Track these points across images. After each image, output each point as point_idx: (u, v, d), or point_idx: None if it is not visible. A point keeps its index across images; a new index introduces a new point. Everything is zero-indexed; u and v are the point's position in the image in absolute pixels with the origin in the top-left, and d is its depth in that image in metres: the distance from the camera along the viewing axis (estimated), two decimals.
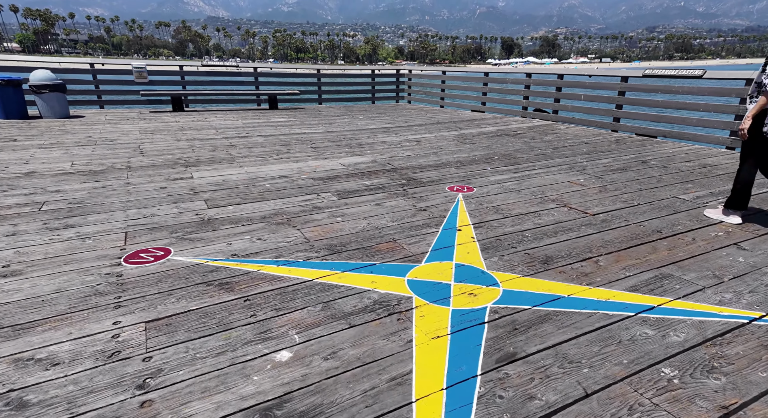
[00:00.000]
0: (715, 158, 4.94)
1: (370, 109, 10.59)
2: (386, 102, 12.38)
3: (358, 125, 7.80)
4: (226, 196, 3.58)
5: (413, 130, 7.30)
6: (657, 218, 3.11)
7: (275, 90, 10.03)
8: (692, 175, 4.25)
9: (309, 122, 8.03)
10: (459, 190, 3.85)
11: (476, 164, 4.83)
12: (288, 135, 6.60)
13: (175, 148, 5.41)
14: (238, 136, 6.43)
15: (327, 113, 9.49)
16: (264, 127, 7.36)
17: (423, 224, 3.02)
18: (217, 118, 8.18)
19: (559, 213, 3.23)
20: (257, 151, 5.35)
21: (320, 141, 6.17)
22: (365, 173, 4.43)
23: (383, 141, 6.26)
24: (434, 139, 6.38)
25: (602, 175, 4.28)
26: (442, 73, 10.96)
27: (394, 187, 3.96)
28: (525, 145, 5.90)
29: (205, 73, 9.76)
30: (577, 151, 5.46)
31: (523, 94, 8.50)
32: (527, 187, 3.92)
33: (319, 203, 3.45)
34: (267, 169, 4.50)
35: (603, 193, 3.71)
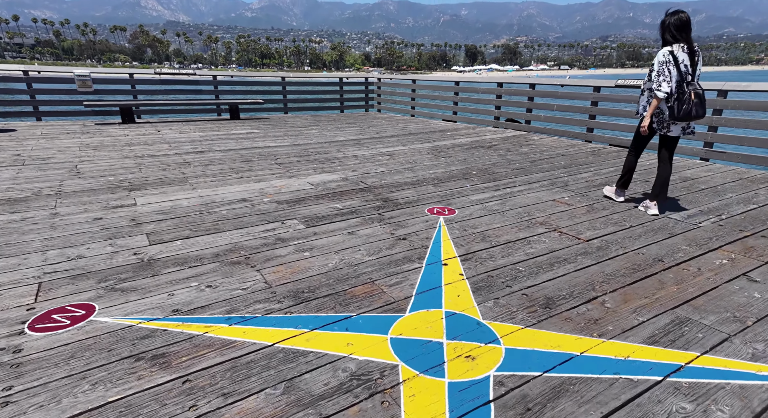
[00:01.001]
0: (692, 171, 4.87)
1: (339, 118, 10.20)
2: (355, 111, 12.02)
3: (327, 137, 7.39)
4: (173, 228, 3.08)
5: (385, 142, 6.96)
6: (654, 243, 2.88)
7: (237, 99, 9.46)
8: (676, 191, 4.11)
9: (274, 134, 7.55)
10: (440, 213, 3.52)
11: (455, 181, 4.53)
12: (250, 149, 6.10)
13: (119, 168, 4.81)
14: (193, 151, 5.87)
15: (293, 124, 9.02)
16: (224, 140, 6.82)
17: (404, 258, 2.65)
18: (172, 131, 7.54)
19: (550, 239, 2.95)
20: (214, 170, 4.84)
21: (286, 156, 5.72)
22: (336, 194, 4.03)
23: (354, 155, 5.89)
24: (408, 153, 6.06)
25: (586, 192, 4.07)
26: (412, 82, 10.72)
27: (368, 210, 3.58)
28: (502, 158, 5.68)
29: (159, 82, 9.04)
30: (555, 164, 5.28)
31: (495, 103, 8.35)
32: (511, 208, 3.64)
33: (283, 234, 3.02)
34: (224, 192, 4.02)
35: (592, 214, 3.48)
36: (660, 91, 3.10)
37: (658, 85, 3.12)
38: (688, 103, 3.08)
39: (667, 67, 3.09)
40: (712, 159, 5.21)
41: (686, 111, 3.09)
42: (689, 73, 3.12)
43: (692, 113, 3.09)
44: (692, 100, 3.07)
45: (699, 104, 3.09)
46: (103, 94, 8.34)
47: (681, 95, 3.09)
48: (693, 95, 3.08)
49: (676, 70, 3.09)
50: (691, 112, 3.09)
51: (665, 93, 3.09)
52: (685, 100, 3.08)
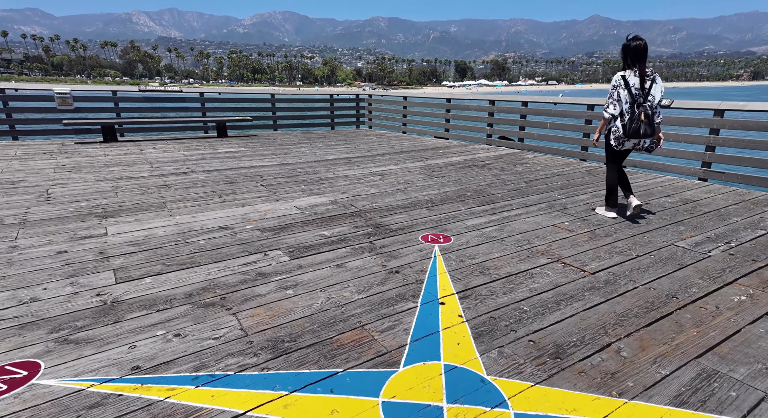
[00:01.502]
0: (692, 192, 4.74)
1: (330, 135, 10.03)
2: (346, 127, 11.88)
3: (317, 155, 7.19)
4: (144, 262, 2.82)
5: (376, 160, 6.78)
6: (665, 275, 2.69)
7: (224, 116, 9.25)
8: (679, 214, 3.96)
9: (261, 153, 7.33)
10: (434, 241, 3.30)
11: (449, 204, 4.33)
12: (236, 169, 5.86)
13: (93, 192, 4.53)
14: (176, 172, 5.61)
15: (282, 141, 8.82)
16: (209, 159, 6.58)
17: (397, 296, 2.42)
18: (156, 150, 7.28)
19: (553, 272, 2.74)
20: (196, 193, 4.59)
21: (273, 176, 5.49)
22: (324, 219, 3.80)
23: (345, 175, 5.68)
24: (400, 172, 5.87)
25: (586, 217, 3.90)
26: (403, 99, 10.63)
27: (358, 238, 3.36)
28: (496, 178, 5.51)
29: (144, 99, 8.81)
30: (551, 185, 5.12)
31: (487, 121, 8.25)
32: (510, 234, 3.44)
33: (265, 268, 2.77)
34: (204, 218, 3.76)
35: (595, 241, 3.29)
36: (606, 112, 3.57)
37: (606, 106, 3.59)
38: (637, 122, 3.41)
39: (617, 91, 3.49)
40: (710, 179, 5.10)
41: (635, 129, 3.42)
42: (641, 95, 3.44)
43: (640, 132, 3.41)
44: (641, 119, 3.40)
45: (647, 124, 3.41)
46: (84, 112, 8.07)
47: (632, 115, 3.42)
48: (642, 116, 3.40)
49: (628, 93, 3.45)
50: (639, 131, 3.41)
51: (609, 114, 3.54)
52: (634, 120, 3.42)
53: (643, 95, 3.44)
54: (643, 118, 3.39)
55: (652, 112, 3.44)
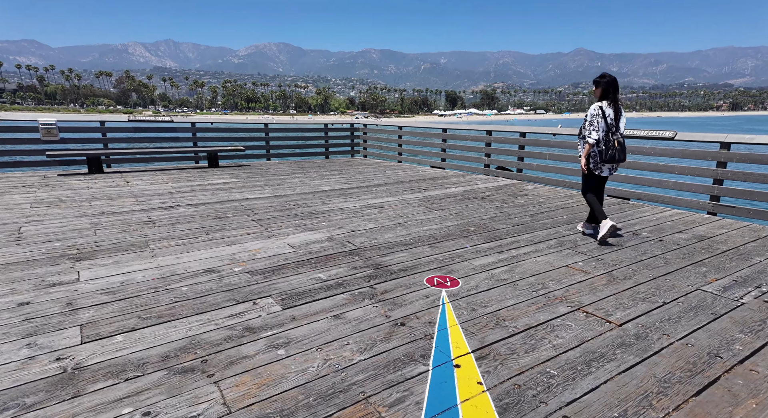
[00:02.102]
0: (704, 227, 4.55)
1: (324, 165, 9.85)
2: (341, 156, 11.74)
3: (311, 186, 6.96)
4: (117, 315, 2.49)
5: (373, 191, 6.56)
6: (700, 328, 2.43)
7: (216, 146, 9.05)
8: (697, 253, 3.74)
9: (253, 184, 7.08)
10: (441, 284, 3.03)
11: (453, 240, 4.08)
12: (226, 203, 5.59)
13: (70, 230, 4.21)
14: (161, 206, 5.32)
15: (275, 171, 8.60)
16: (198, 191, 6.30)
17: (404, 356, 2.12)
18: (143, 182, 7.00)
19: (576, 323, 2.47)
20: (182, 230, 4.29)
21: (265, 210, 5.22)
22: (320, 259, 3.52)
23: (341, 208, 5.43)
24: (398, 205, 5.64)
25: (600, 255, 3.66)
26: (398, 128, 10.56)
27: (357, 281, 3.07)
28: (499, 211, 5.30)
29: (133, 129, 8.60)
30: (557, 219, 4.91)
31: (484, 151, 8.15)
32: (522, 277, 3.18)
33: (254, 320, 2.46)
34: (189, 259, 3.46)
35: (614, 285, 3.04)
36: (590, 138, 3.87)
37: (588, 133, 3.88)
38: (612, 150, 3.83)
39: (596, 119, 3.83)
40: (720, 213, 4.94)
41: (611, 156, 3.83)
42: (614, 125, 3.86)
43: (615, 157, 3.84)
44: (615, 147, 3.83)
45: (620, 150, 3.85)
46: (70, 142, 7.81)
47: (607, 142, 3.83)
48: (616, 143, 3.83)
49: (604, 123, 3.82)
50: (615, 157, 3.84)
51: (594, 140, 3.84)
52: (610, 147, 3.83)
53: (616, 125, 3.88)
54: (617, 145, 3.84)
55: (623, 140, 3.89)
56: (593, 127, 3.82)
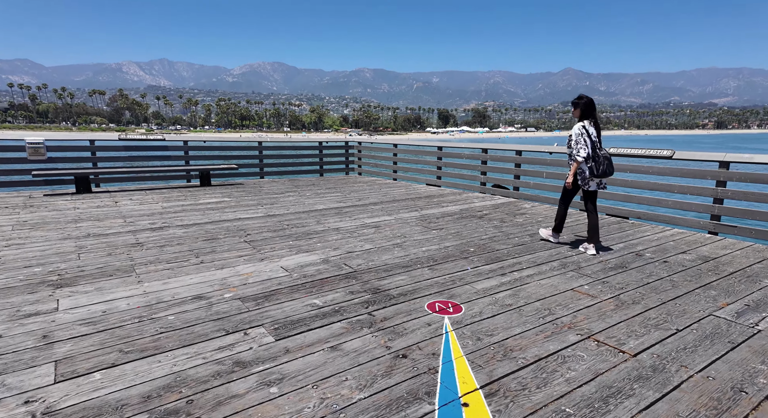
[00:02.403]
0: (707, 247, 4.47)
1: (319, 182, 9.73)
2: (336, 174, 11.64)
3: (306, 205, 6.82)
4: (97, 349, 2.31)
5: (369, 210, 6.44)
6: (719, 358, 2.30)
7: (209, 164, 8.91)
8: (704, 275, 3.64)
9: (246, 203, 6.93)
10: (443, 311, 2.88)
11: (452, 261, 3.95)
12: (217, 223, 5.43)
13: (53, 254, 4.01)
14: (150, 227, 5.14)
15: (269, 190, 8.46)
16: (189, 211, 6.14)
17: (407, 393, 1.96)
18: (132, 202, 6.81)
19: (588, 353, 2.33)
20: (170, 253, 4.11)
21: (258, 231, 5.06)
22: (315, 283, 3.36)
23: (336, 227, 5.30)
24: (395, 224, 5.52)
25: (605, 278, 3.55)
26: (393, 146, 10.53)
27: (355, 307, 2.91)
28: (498, 230, 5.20)
29: (124, 148, 8.45)
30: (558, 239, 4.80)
31: (480, 169, 8.10)
32: (527, 301, 3.04)
33: (244, 354, 2.29)
34: (177, 285, 3.28)
35: (623, 310, 2.91)
36: (579, 156, 4.02)
37: (577, 151, 4.04)
38: (603, 165, 4.02)
39: (582, 138, 4.03)
40: (721, 233, 4.87)
41: (602, 171, 4.02)
42: (598, 141, 4.07)
43: (606, 172, 4.03)
44: (604, 162, 4.03)
45: (609, 164, 4.05)
46: (58, 161, 7.64)
47: (596, 158, 4.02)
48: (604, 158, 4.04)
49: (590, 141, 4.01)
50: (606, 171, 4.03)
51: (583, 157, 4.01)
52: (600, 162, 4.02)
53: (599, 141, 4.10)
54: (605, 160, 4.05)
55: (609, 155, 4.11)
56: (580, 145, 4.01)
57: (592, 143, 4.00)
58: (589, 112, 4.09)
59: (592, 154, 3.99)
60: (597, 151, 4.02)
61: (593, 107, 4.11)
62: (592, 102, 4.13)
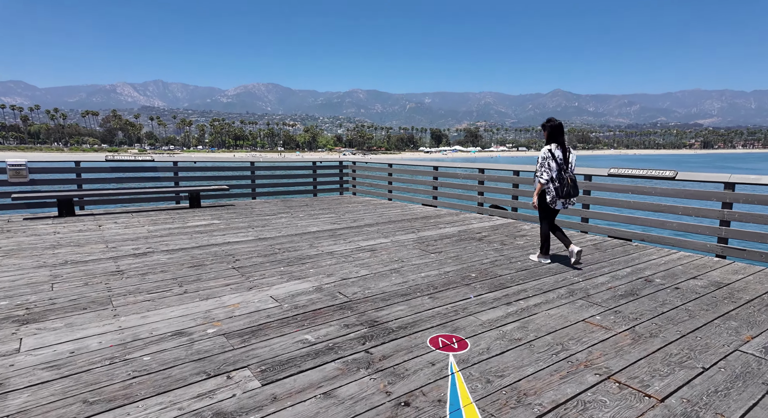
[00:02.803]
0: (718, 272, 4.29)
1: (312, 203, 9.52)
2: (330, 194, 11.45)
3: (299, 227, 6.59)
4: (58, 399, 2.03)
5: (364, 232, 6.22)
6: (756, 403, 2.08)
7: (199, 185, 8.68)
8: (720, 304, 3.44)
9: (237, 225, 6.68)
10: (447, 347, 2.64)
11: (454, 288, 3.73)
12: (205, 248, 5.17)
13: (24, 284, 3.73)
14: (134, 253, 4.87)
15: (261, 211, 8.23)
16: (176, 235, 5.87)
17: None
18: (117, 225, 6.53)
19: (610, 398, 2.10)
20: (152, 282, 3.84)
21: (247, 256, 4.81)
22: (308, 316, 3.11)
23: (330, 251, 5.06)
24: (392, 247, 5.30)
25: (617, 307, 3.34)
26: (388, 166, 10.40)
27: (351, 344, 2.67)
28: (499, 254, 4.99)
29: (111, 169, 8.20)
30: (562, 263, 4.60)
31: (477, 189, 7.96)
32: (537, 335, 2.81)
33: (227, 401, 2.03)
34: (157, 319, 3.01)
35: (641, 344, 2.69)
36: (541, 179, 4.27)
37: (540, 174, 4.28)
38: (567, 186, 4.19)
39: (547, 162, 4.21)
40: (729, 256, 4.71)
41: (566, 192, 4.20)
42: (564, 164, 4.21)
43: (570, 193, 4.23)
44: (569, 183, 4.20)
45: (573, 186, 4.23)
46: (41, 184, 7.36)
47: (561, 181, 4.19)
48: (569, 180, 4.21)
49: (555, 163, 4.20)
50: (570, 193, 4.22)
51: (545, 180, 4.24)
52: (564, 184, 4.19)
53: (566, 164, 4.23)
54: (570, 182, 4.21)
55: (575, 177, 4.27)
56: (544, 168, 4.24)
57: (558, 166, 4.18)
58: (555, 135, 4.25)
59: (557, 176, 4.18)
60: (562, 174, 4.19)
61: (561, 131, 4.25)
62: (560, 126, 4.27)
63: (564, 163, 4.20)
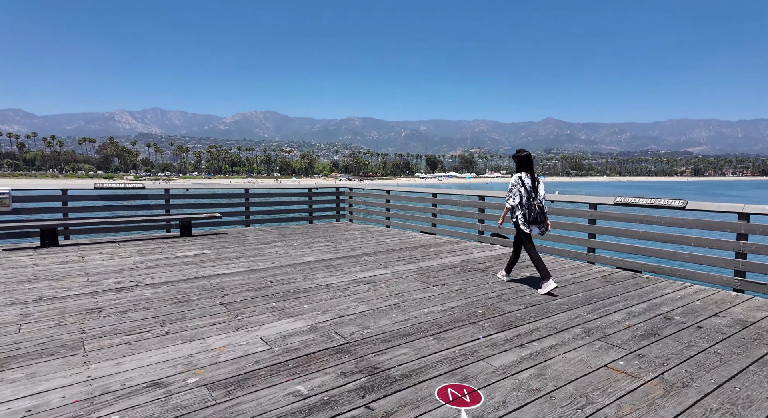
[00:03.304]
0: (740, 309, 4.04)
1: (308, 231, 9.24)
2: (326, 221, 11.19)
3: (293, 257, 6.30)
4: None
5: (362, 262, 5.94)
6: None
7: (190, 213, 8.41)
8: (751, 346, 3.17)
9: (228, 255, 6.38)
10: (458, 400, 2.34)
11: (460, 327, 3.44)
12: (193, 281, 4.86)
13: None
14: (116, 287, 4.55)
15: (254, 240, 7.94)
16: (163, 267, 5.56)
17: None
18: (102, 256, 6.21)
19: None
20: (132, 321, 3.52)
21: (237, 289, 4.51)
22: (300, 361, 2.81)
23: (326, 284, 4.78)
24: (391, 279, 5.01)
25: (639, 350, 3.06)
26: (386, 192, 10.21)
27: (349, 397, 2.36)
28: (505, 287, 4.72)
29: (100, 197, 7.94)
30: (573, 298, 4.34)
31: (478, 217, 7.75)
32: (556, 385, 2.52)
33: None
34: (132, 366, 2.69)
35: (674, 396, 2.41)
36: (507, 203, 4.61)
37: (507, 199, 4.62)
38: (534, 212, 4.46)
39: (516, 188, 4.52)
40: (748, 290, 4.47)
41: (533, 217, 4.47)
42: (533, 191, 4.49)
43: (537, 220, 4.48)
44: (536, 210, 4.46)
45: (540, 213, 4.48)
46: (24, 213, 7.07)
47: (529, 207, 4.47)
48: (537, 207, 4.46)
49: (524, 190, 4.49)
50: (537, 219, 4.47)
51: (511, 205, 4.57)
52: (532, 210, 4.47)
53: (534, 192, 4.50)
54: (537, 209, 4.47)
55: (542, 204, 4.52)
56: (511, 194, 4.57)
57: (526, 193, 4.47)
58: (524, 165, 4.54)
59: (525, 202, 4.47)
60: (530, 200, 4.47)
61: (529, 162, 4.55)
62: (529, 156, 4.56)
63: (533, 191, 4.49)
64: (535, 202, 4.43)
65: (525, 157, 4.53)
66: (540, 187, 4.53)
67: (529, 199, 4.44)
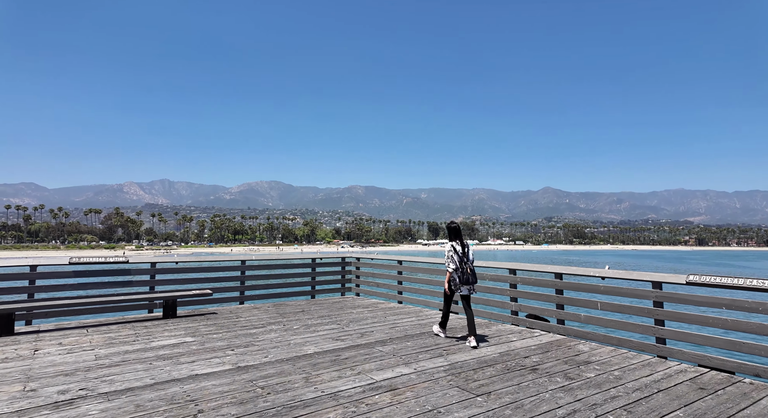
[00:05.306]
0: None
1: (310, 308, 8.07)
2: (330, 295, 10.01)
3: (291, 346, 5.18)
4: None
5: (376, 355, 4.80)
6: None
7: (177, 290, 7.38)
8: None
9: (213, 345, 5.26)
10: None
11: None
12: (162, 387, 3.72)
13: None
14: (56, 401, 3.42)
15: (248, 321, 6.80)
16: (130, 364, 4.43)
17: None
18: (60, 349, 5.09)
19: None
20: None
21: (216, 403, 3.38)
22: None
23: (333, 392, 3.65)
24: (418, 383, 3.87)
25: None
26: (398, 263, 9.18)
27: None
28: (572, 397, 3.56)
29: (73, 274, 6.97)
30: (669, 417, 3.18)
31: (509, 294, 6.68)
32: None
33: None
34: None
35: None
36: (449, 268, 5.31)
37: (447, 266, 5.34)
38: (466, 274, 5.25)
39: (450, 254, 5.31)
40: None
41: (466, 279, 5.24)
42: (464, 256, 5.29)
43: (469, 280, 5.26)
44: (468, 272, 5.25)
45: (472, 274, 5.29)
46: None
47: (462, 270, 5.24)
48: (468, 270, 5.26)
49: (457, 256, 5.28)
50: (468, 280, 5.25)
51: (452, 269, 5.28)
52: (464, 272, 5.24)
53: (466, 257, 5.28)
54: (469, 271, 5.24)
55: (473, 267, 5.33)
56: (449, 260, 5.31)
57: (459, 258, 5.26)
58: (454, 234, 5.42)
59: (460, 267, 5.23)
60: (463, 265, 5.25)
61: (458, 232, 5.43)
62: (458, 228, 5.47)
63: (463, 256, 5.29)
64: (466, 265, 5.26)
65: (454, 229, 5.43)
66: (469, 252, 5.35)
67: (461, 263, 5.25)
